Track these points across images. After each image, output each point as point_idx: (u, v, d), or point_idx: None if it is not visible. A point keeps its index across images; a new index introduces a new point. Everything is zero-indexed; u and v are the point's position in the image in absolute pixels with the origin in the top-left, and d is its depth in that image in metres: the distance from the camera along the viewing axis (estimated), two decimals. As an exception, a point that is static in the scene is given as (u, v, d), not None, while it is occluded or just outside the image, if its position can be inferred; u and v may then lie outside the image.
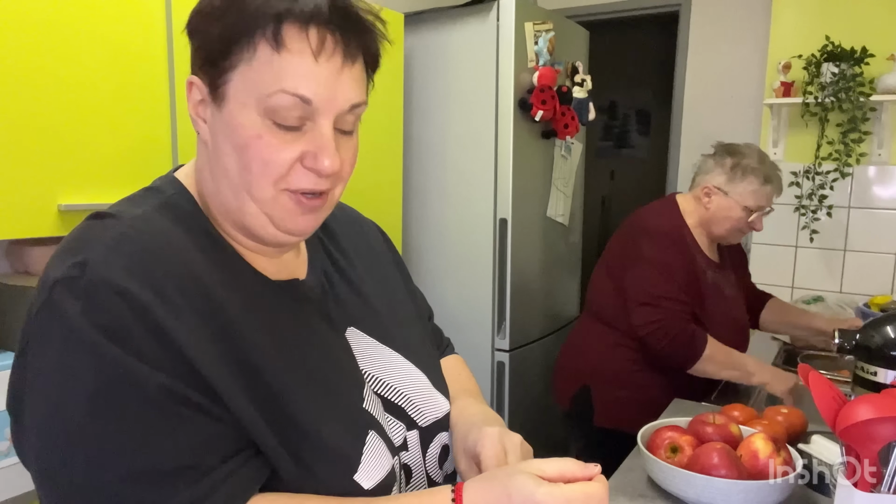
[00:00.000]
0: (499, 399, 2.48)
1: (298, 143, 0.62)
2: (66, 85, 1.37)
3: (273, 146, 0.61)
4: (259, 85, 0.60)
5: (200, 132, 0.65)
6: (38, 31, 1.32)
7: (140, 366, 0.55)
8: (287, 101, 0.60)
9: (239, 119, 0.61)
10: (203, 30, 0.61)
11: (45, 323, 0.58)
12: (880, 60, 2.43)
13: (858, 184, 2.58)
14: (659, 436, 1.20)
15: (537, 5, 2.88)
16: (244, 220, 0.65)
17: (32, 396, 0.57)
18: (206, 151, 0.66)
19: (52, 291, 0.57)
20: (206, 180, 0.67)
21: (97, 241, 0.59)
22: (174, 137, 1.59)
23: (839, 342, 1.36)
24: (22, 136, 1.31)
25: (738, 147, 1.75)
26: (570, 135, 2.54)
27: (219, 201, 0.66)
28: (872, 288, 2.57)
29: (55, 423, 0.56)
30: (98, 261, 0.57)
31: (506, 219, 2.40)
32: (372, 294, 0.80)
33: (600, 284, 1.86)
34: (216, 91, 0.62)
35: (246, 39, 0.59)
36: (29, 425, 0.58)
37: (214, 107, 0.63)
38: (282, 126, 0.61)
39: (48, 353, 0.57)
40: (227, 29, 0.59)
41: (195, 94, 0.64)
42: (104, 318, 0.55)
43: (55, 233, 1.38)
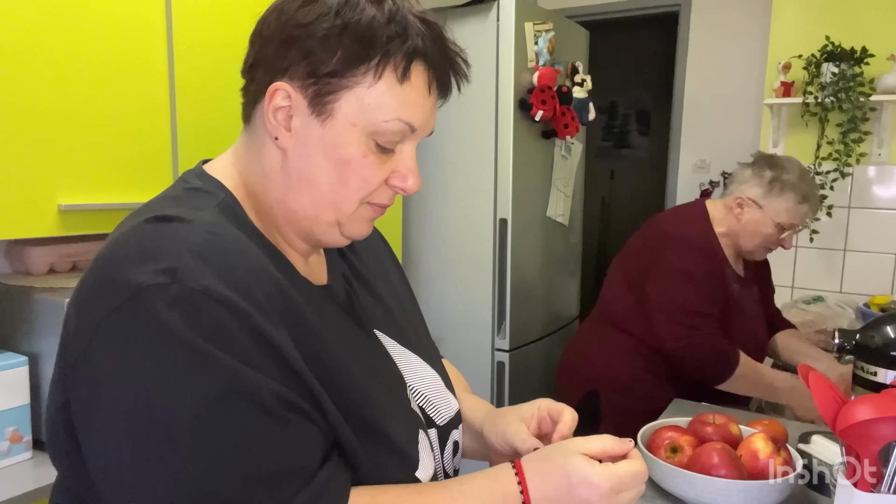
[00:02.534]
0: (499, 399, 2.48)
1: (388, 163, 0.66)
2: (67, 85, 1.37)
3: (374, 166, 0.65)
4: (375, 110, 0.63)
5: (280, 139, 0.65)
6: (38, 31, 1.32)
7: (250, 372, 0.55)
8: (399, 127, 0.64)
9: (345, 136, 0.63)
10: (315, 44, 0.62)
11: (129, 328, 0.54)
12: (880, 60, 2.43)
13: (858, 184, 2.58)
14: (659, 436, 1.20)
15: (537, 5, 2.88)
16: (314, 226, 0.67)
17: (116, 403, 0.54)
18: (278, 158, 0.66)
19: (141, 298, 0.54)
20: (269, 185, 0.67)
21: (180, 246, 0.56)
22: (174, 137, 1.59)
23: (839, 342, 1.36)
24: (22, 136, 1.31)
25: (779, 160, 1.68)
26: (570, 135, 2.54)
27: (287, 207, 0.67)
28: (872, 288, 2.58)
29: (157, 430, 0.53)
30: (189, 267, 0.55)
31: (506, 219, 2.40)
32: (385, 296, 0.82)
33: (617, 289, 1.80)
34: (321, 106, 0.63)
35: (371, 65, 0.62)
36: (110, 431, 0.55)
37: (313, 119, 0.64)
38: (381, 148, 0.65)
39: (136, 360, 0.54)
40: (352, 51, 0.61)
41: (281, 102, 0.64)
42: (208, 326, 0.54)
43: (55, 233, 1.38)
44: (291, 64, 0.63)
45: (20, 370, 1.32)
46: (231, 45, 1.71)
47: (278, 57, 0.63)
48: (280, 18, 0.64)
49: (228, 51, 1.70)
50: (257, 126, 0.67)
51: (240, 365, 0.54)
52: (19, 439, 1.32)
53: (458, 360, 2.75)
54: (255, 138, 0.68)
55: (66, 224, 1.39)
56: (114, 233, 0.63)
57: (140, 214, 0.62)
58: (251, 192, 0.68)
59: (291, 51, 0.63)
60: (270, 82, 0.64)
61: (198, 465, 0.53)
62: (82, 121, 1.40)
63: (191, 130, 1.62)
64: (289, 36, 0.63)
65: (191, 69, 1.61)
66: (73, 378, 0.58)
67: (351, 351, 0.66)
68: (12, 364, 1.31)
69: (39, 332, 1.35)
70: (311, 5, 0.63)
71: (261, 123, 0.67)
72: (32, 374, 1.35)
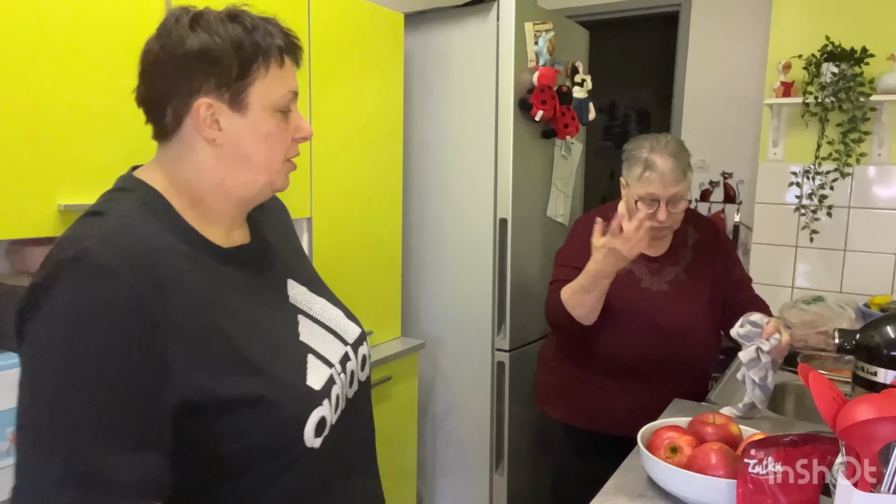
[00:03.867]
0: (499, 399, 2.48)
1: (289, 124, 0.88)
2: (67, 85, 1.37)
3: (283, 129, 0.87)
4: (273, 91, 0.85)
5: (216, 139, 0.83)
6: (38, 31, 1.32)
7: (117, 354, 0.71)
8: (290, 96, 0.87)
9: (261, 117, 0.84)
10: (213, 64, 0.81)
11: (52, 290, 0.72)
12: (880, 60, 2.43)
13: (858, 184, 2.58)
14: (659, 436, 1.20)
15: (537, 5, 2.88)
16: (251, 191, 0.88)
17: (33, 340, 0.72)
18: (212, 154, 0.85)
19: (59, 271, 0.72)
20: (204, 177, 0.86)
21: (95, 233, 0.76)
22: (174, 137, 1.59)
23: (839, 342, 1.36)
24: (22, 136, 1.31)
25: (641, 138, 1.69)
26: (570, 135, 2.54)
27: (225, 187, 0.86)
28: (872, 288, 2.57)
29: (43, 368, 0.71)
30: (96, 248, 0.73)
31: (506, 219, 2.40)
32: (293, 255, 1.05)
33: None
34: (238, 103, 0.83)
35: (260, 62, 0.83)
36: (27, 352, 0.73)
37: (235, 115, 0.83)
38: (283, 115, 0.87)
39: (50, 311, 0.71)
40: (242, 59, 0.82)
41: (205, 112, 0.82)
42: (100, 295, 0.71)
43: (55, 233, 1.38)
44: (201, 83, 0.81)
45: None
46: (231, 45, 1.71)
47: (184, 82, 0.81)
48: (168, 55, 0.81)
49: (228, 51, 1.70)
50: (185, 137, 0.84)
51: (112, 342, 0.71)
52: (19, 439, 1.32)
53: (458, 360, 2.76)
54: (183, 147, 0.85)
55: (66, 224, 1.38)
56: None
57: (82, 215, 0.82)
58: (182, 187, 0.86)
59: (195, 74, 0.81)
60: (189, 102, 0.82)
61: (52, 410, 0.70)
62: (82, 121, 1.40)
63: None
64: (185, 64, 0.81)
65: (191, 69, 1.61)
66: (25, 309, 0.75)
67: (238, 304, 0.84)
68: (12, 364, 1.31)
69: (39, 332, 1.35)
70: (190, 39, 0.81)
71: (190, 134, 0.84)
72: (32, 374, 1.35)
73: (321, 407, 0.85)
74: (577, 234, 1.84)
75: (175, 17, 0.84)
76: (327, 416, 0.87)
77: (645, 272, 1.73)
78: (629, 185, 1.66)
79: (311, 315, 0.96)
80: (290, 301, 0.95)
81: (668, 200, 1.60)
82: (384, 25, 2.22)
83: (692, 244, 1.78)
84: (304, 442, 0.83)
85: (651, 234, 1.70)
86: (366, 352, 1.03)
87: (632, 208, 1.66)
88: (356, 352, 0.99)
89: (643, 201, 1.62)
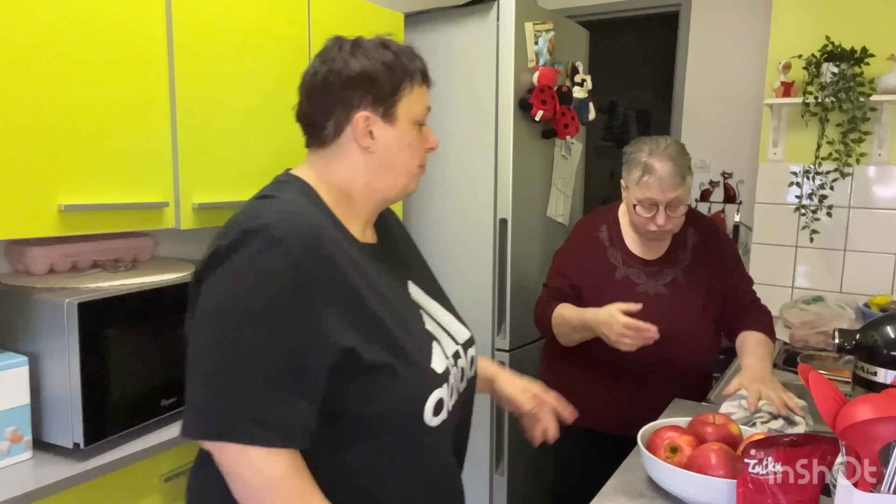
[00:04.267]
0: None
1: (423, 135, 1.04)
2: (67, 85, 1.37)
3: (419, 140, 1.03)
4: (416, 106, 1.01)
5: (370, 147, 0.98)
6: (38, 32, 1.32)
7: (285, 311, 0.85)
8: (426, 111, 1.03)
9: (406, 129, 1.00)
10: (371, 83, 0.96)
11: (234, 255, 0.87)
12: (880, 60, 2.43)
13: (858, 184, 2.58)
14: (659, 436, 1.20)
15: (537, 5, 2.88)
16: (390, 193, 1.03)
17: (216, 292, 0.88)
18: (363, 160, 0.99)
19: (243, 238, 0.86)
20: (356, 179, 1.00)
21: (270, 211, 0.90)
22: (174, 137, 1.59)
23: (839, 342, 1.36)
24: (22, 136, 1.31)
25: (640, 141, 1.67)
26: (570, 135, 2.54)
27: (371, 188, 1.01)
28: (872, 288, 2.57)
29: (223, 315, 0.86)
30: (273, 223, 0.87)
31: (506, 219, 2.40)
32: (414, 256, 1.18)
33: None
34: (390, 116, 0.98)
35: (407, 82, 0.99)
36: (204, 306, 0.88)
37: (386, 126, 0.99)
38: (419, 127, 1.02)
39: (231, 273, 0.87)
40: (396, 77, 0.98)
41: (363, 124, 0.97)
42: (276, 264, 0.85)
43: (55, 233, 1.38)
44: (360, 99, 0.97)
45: (20, 370, 1.32)
46: (231, 45, 1.71)
47: (348, 98, 0.97)
48: (335, 75, 0.96)
49: (229, 51, 1.70)
50: (342, 145, 0.99)
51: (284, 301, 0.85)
52: (19, 439, 1.32)
53: (458, 360, 2.72)
54: (339, 153, 1.00)
55: (66, 224, 1.39)
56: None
57: (251, 198, 0.98)
58: (333, 186, 1.00)
59: (356, 91, 0.96)
60: (350, 115, 0.97)
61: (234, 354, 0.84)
62: (82, 121, 1.40)
63: (191, 130, 1.62)
64: (349, 83, 0.96)
65: (191, 69, 1.61)
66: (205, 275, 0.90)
67: (379, 288, 0.96)
68: (12, 364, 1.31)
69: (39, 332, 1.35)
70: (352, 61, 0.96)
71: (347, 142, 0.99)
72: (32, 374, 1.35)
73: (441, 389, 0.96)
74: (575, 239, 1.84)
75: (338, 45, 0.99)
76: (445, 398, 0.97)
77: (642, 276, 1.73)
78: (628, 189, 1.65)
79: (430, 313, 1.07)
80: (412, 298, 1.07)
81: (667, 205, 1.59)
82: (384, 25, 2.22)
83: (692, 246, 1.76)
84: (424, 419, 0.94)
85: (650, 238, 1.70)
86: (474, 353, 1.14)
87: (631, 211, 1.66)
88: (466, 352, 1.10)
89: (641, 205, 1.61)
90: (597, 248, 1.76)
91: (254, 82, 1.77)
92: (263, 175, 1.95)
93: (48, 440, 1.37)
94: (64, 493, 1.27)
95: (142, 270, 1.62)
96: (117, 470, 1.36)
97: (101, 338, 1.37)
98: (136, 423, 1.46)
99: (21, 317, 1.37)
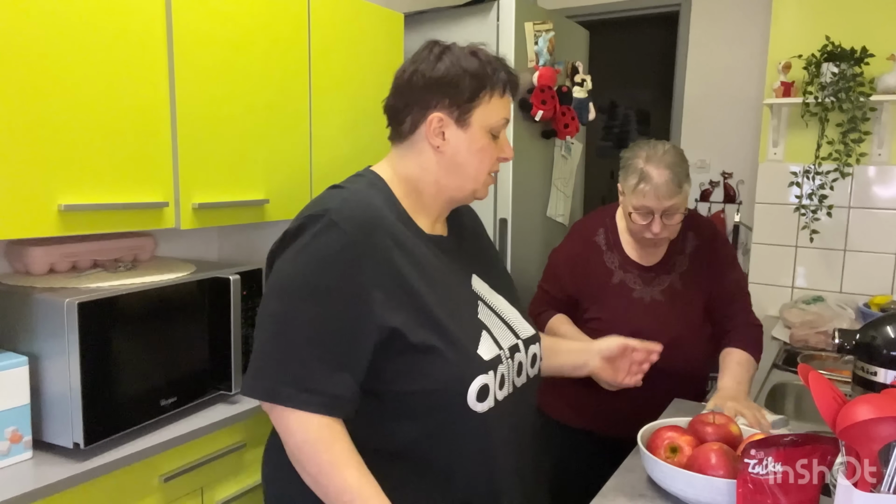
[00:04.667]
0: (499, 399, 2.48)
1: (497, 145, 1.09)
2: (67, 85, 1.37)
3: (492, 149, 1.08)
4: (493, 116, 1.05)
5: (440, 146, 1.04)
6: (38, 31, 1.32)
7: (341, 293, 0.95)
8: (504, 122, 1.08)
9: (479, 136, 1.05)
10: (451, 87, 1.02)
11: (301, 236, 0.98)
12: (880, 60, 2.43)
13: (858, 184, 2.58)
14: (659, 436, 1.20)
15: (537, 5, 2.88)
16: (458, 194, 1.09)
17: (278, 270, 0.99)
18: (434, 158, 1.06)
19: (307, 222, 0.98)
20: (426, 175, 1.07)
21: (337, 199, 1.00)
22: (174, 137, 1.59)
23: (839, 342, 1.36)
24: (22, 136, 1.31)
25: (638, 146, 1.64)
26: (570, 135, 2.54)
27: (440, 186, 1.07)
28: (872, 288, 2.57)
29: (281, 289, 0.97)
30: (336, 209, 0.97)
31: (506, 219, 2.40)
32: (486, 254, 1.24)
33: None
34: (463, 121, 1.04)
35: (487, 91, 1.04)
36: (273, 282, 0.99)
37: (459, 130, 1.04)
38: (494, 137, 1.07)
39: (297, 252, 0.98)
40: (474, 86, 1.03)
41: (436, 124, 1.03)
42: (335, 244, 0.95)
43: (55, 233, 1.38)
44: (438, 101, 1.03)
45: (20, 370, 1.32)
46: (231, 45, 1.71)
47: (426, 99, 1.03)
48: (419, 76, 1.03)
49: (229, 50, 1.70)
50: (416, 141, 1.06)
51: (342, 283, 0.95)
52: (19, 439, 1.32)
53: (458, 360, 2.72)
54: (412, 149, 1.07)
55: (66, 224, 1.39)
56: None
57: (327, 188, 1.08)
58: (404, 179, 1.08)
59: (435, 93, 1.03)
60: (426, 114, 1.03)
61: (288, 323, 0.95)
62: (82, 121, 1.40)
63: (191, 130, 1.62)
64: (430, 85, 1.03)
65: (191, 69, 1.61)
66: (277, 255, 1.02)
67: (434, 275, 1.03)
68: (12, 364, 1.31)
69: (39, 332, 1.35)
70: (438, 65, 1.02)
71: (421, 139, 1.05)
72: (32, 374, 1.35)
73: (485, 375, 1.01)
74: (573, 241, 1.82)
75: (430, 48, 1.05)
76: (490, 385, 1.01)
77: (638, 282, 1.71)
78: (625, 195, 1.63)
79: (490, 305, 1.12)
80: (473, 289, 1.12)
81: (663, 213, 1.56)
82: (384, 25, 2.22)
83: (690, 251, 1.73)
84: (467, 402, 0.98)
85: (645, 245, 1.69)
86: (537, 351, 1.17)
87: (627, 217, 1.64)
88: (527, 348, 1.14)
89: (637, 212, 1.59)
90: (593, 252, 1.74)
91: (254, 82, 1.77)
92: (263, 175, 1.96)
93: (48, 440, 1.37)
94: (64, 493, 1.27)
95: (142, 270, 1.62)
96: (117, 470, 1.36)
97: (101, 338, 1.37)
98: (136, 423, 1.46)
99: (21, 317, 1.37)
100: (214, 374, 1.65)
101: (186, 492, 1.51)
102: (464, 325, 1.03)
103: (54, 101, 1.35)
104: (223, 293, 1.63)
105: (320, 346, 0.94)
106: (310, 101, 1.95)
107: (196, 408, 1.62)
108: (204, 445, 1.54)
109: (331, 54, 2.01)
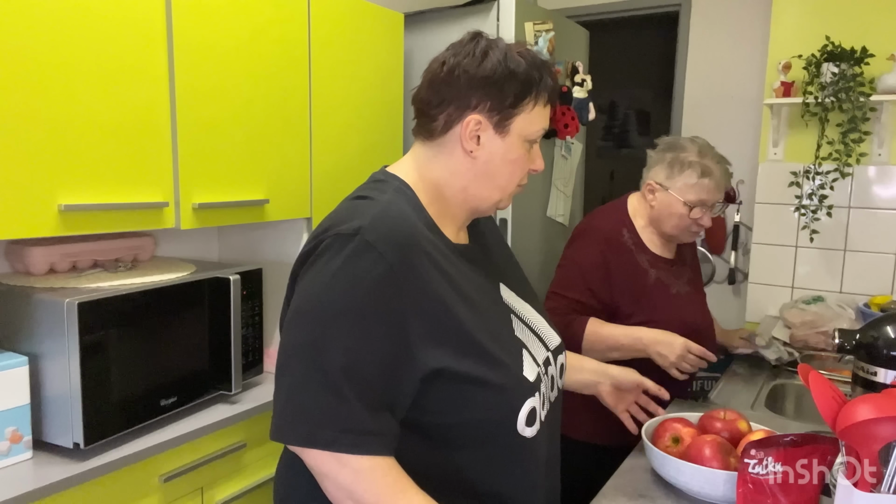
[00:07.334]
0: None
1: (530, 156, 1.00)
2: (67, 85, 1.37)
3: (525, 160, 0.99)
4: (533, 125, 0.97)
5: (473, 151, 0.95)
6: (38, 32, 1.32)
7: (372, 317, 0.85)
8: (541, 132, 0.99)
9: (515, 145, 0.97)
10: (495, 89, 0.93)
11: (330, 256, 0.87)
12: (880, 60, 2.43)
13: (858, 184, 2.58)
14: (664, 426, 1.24)
15: (537, 5, 2.88)
16: (483, 203, 1.00)
17: (305, 293, 0.89)
18: (466, 162, 0.96)
19: (335, 241, 0.87)
20: (454, 180, 0.98)
21: (365, 214, 0.89)
22: (174, 137, 1.59)
23: (839, 342, 1.36)
24: (22, 136, 1.31)
25: (680, 141, 1.69)
26: (570, 135, 2.54)
27: (468, 193, 0.98)
28: (872, 288, 2.57)
29: (311, 317, 0.86)
30: (367, 227, 0.87)
31: (506, 219, 2.40)
32: (507, 259, 1.16)
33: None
34: (503, 127, 0.95)
35: (531, 98, 0.95)
36: (295, 303, 0.89)
37: (496, 136, 0.95)
38: (528, 146, 0.99)
39: (324, 273, 0.87)
40: (519, 91, 0.94)
41: (474, 127, 0.94)
42: (366, 267, 0.85)
43: (55, 233, 1.38)
44: (479, 102, 0.93)
45: (20, 370, 1.32)
46: (231, 45, 1.71)
47: (467, 97, 0.93)
48: (462, 71, 0.93)
49: (229, 50, 1.70)
50: (447, 142, 0.96)
51: (371, 304, 0.85)
52: (19, 439, 1.32)
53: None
54: (443, 150, 0.97)
55: (66, 224, 1.39)
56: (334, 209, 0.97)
57: (347, 198, 0.98)
58: (430, 184, 0.98)
59: (477, 93, 0.93)
60: (463, 114, 0.94)
61: (323, 345, 0.84)
62: (82, 121, 1.40)
63: (191, 130, 1.62)
64: (473, 84, 0.93)
65: (191, 69, 1.61)
66: (298, 276, 0.92)
67: (468, 292, 0.94)
68: (12, 364, 1.31)
69: (39, 332, 1.35)
70: (484, 62, 0.92)
71: (453, 140, 0.96)
72: (32, 374, 1.35)
73: (533, 398, 0.94)
74: (599, 246, 1.69)
75: (475, 41, 0.95)
76: (538, 407, 0.95)
77: (669, 277, 1.70)
78: (670, 190, 1.63)
79: (521, 317, 1.05)
80: (505, 302, 1.04)
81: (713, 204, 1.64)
82: (384, 25, 2.22)
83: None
84: (517, 428, 0.92)
85: (685, 239, 1.72)
86: (563, 361, 1.12)
87: (673, 214, 1.64)
88: (556, 358, 1.07)
89: (699, 207, 1.61)
90: (624, 254, 1.68)
91: (254, 82, 1.77)
92: (263, 175, 1.95)
93: (48, 440, 1.37)
94: (64, 493, 1.27)
95: (142, 270, 1.62)
96: (117, 470, 1.36)
97: (101, 338, 1.37)
98: (135, 423, 1.46)
99: (21, 317, 1.37)
100: (214, 374, 1.65)
101: (186, 492, 1.51)
102: (504, 346, 0.95)
103: (54, 101, 1.35)
104: (223, 293, 1.63)
105: (359, 380, 0.83)
106: (310, 101, 1.95)
107: (196, 408, 1.62)
108: (204, 445, 1.54)
109: (331, 54, 2.01)
